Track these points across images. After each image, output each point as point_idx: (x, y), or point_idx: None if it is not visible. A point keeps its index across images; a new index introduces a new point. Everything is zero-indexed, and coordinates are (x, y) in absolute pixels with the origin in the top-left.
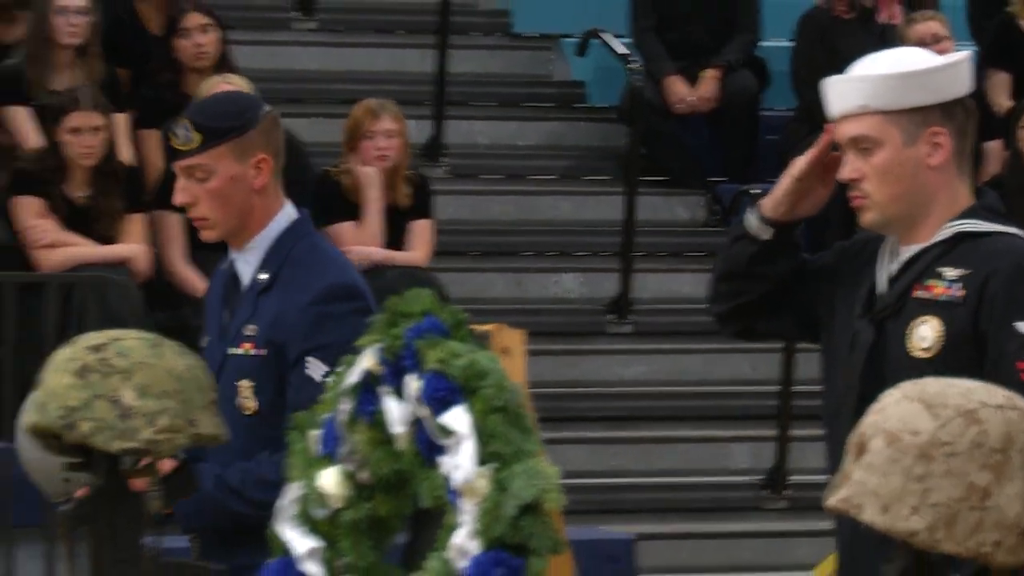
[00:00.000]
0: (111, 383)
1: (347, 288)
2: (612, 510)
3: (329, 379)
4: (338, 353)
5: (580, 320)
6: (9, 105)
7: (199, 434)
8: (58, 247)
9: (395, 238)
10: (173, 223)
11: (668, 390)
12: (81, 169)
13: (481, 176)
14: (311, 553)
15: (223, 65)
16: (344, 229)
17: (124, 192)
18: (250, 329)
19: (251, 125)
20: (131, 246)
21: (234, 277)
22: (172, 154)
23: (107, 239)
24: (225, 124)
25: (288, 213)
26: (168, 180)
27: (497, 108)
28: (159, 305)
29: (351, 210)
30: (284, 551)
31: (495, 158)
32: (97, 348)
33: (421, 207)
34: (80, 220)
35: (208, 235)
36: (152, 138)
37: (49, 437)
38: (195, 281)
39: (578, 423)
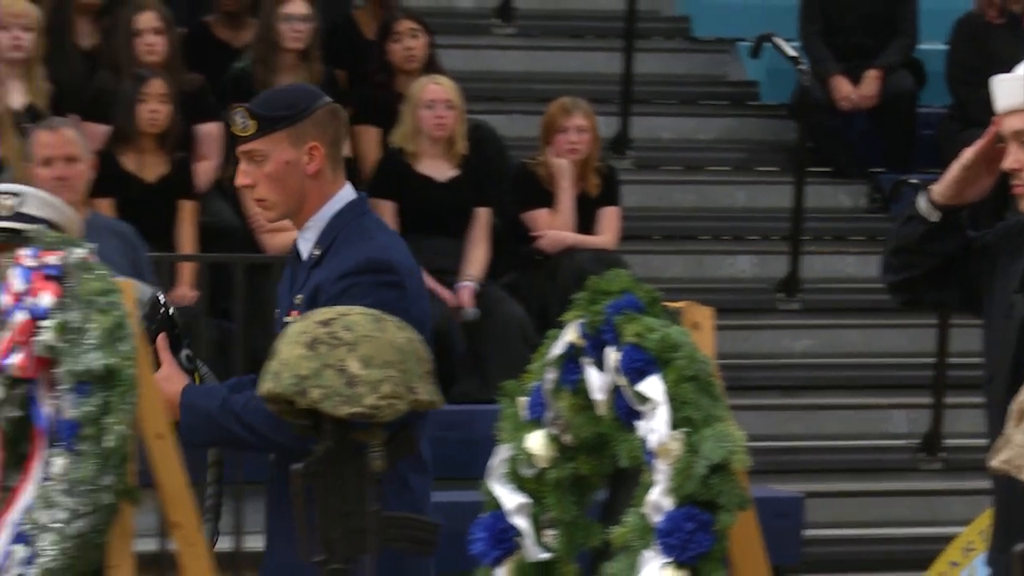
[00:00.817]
0: (338, 354)
1: (380, 262)
2: (783, 471)
3: None
4: None
5: (753, 298)
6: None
7: (418, 400)
8: (282, 231)
9: (586, 224)
10: (386, 210)
11: (833, 361)
12: None
13: (663, 167)
14: (519, 508)
15: (430, 67)
16: (539, 215)
17: None
18: (298, 299)
19: (304, 115)
20: None
21: (297, 254)
22: (233, 139)
23: None
24: (278, 113)
25: (345, 195)
26: (381, 170)
27: (678, 105)
28: None
29: (546, 198)
30: (495, 506)
31: (676, 151)
32: (326, 323)
33: (609, 195)
34: None
35: (267, 215)
36: (367, 133)
37: (282, 403)
38: None
39: (751, 391)
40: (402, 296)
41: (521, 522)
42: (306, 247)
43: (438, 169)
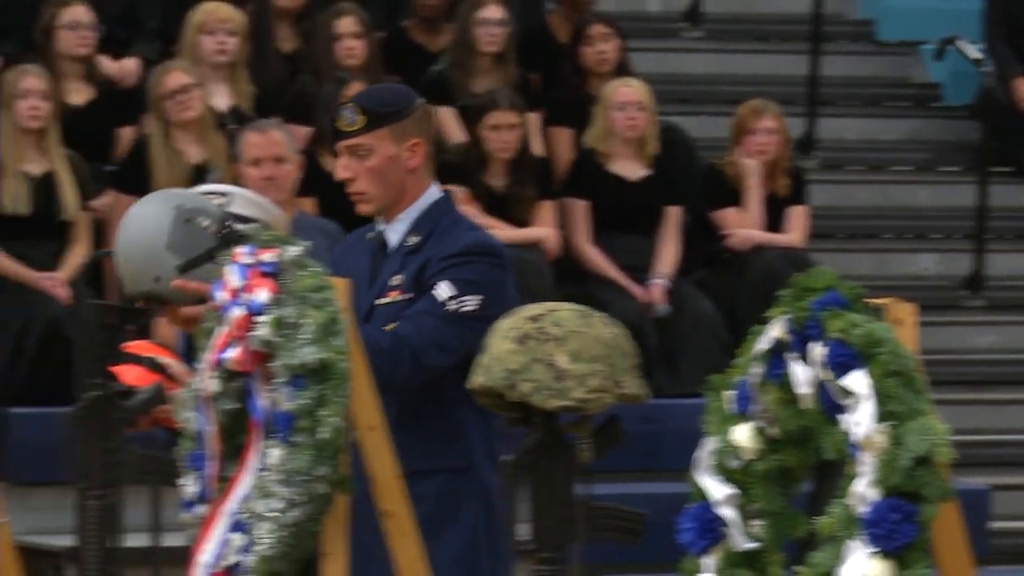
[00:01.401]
0: (547, 349)
1: (488, 246)
2: (969, 463)
3: (452, 304)
4: (470, 288)
5: (937, 295)
6: (436, 105)
7: (624, 394)
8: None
9: (774, 223)
10: (579, 209)
11: (1018, 357)
12: (499, 161)
13: (848, 167)
14: (727, 499)
15: (622, 70)
16: (728, 214)
17: (537, 181)
18: (396, 279)
19: (408, 113)
20: (543, 229)
21: (382, 244)
22: (337, 134)
23: (522, 223)
24: (386, 110)
25: (434, 191)
26: (574, 170)
27: (862, 107)
28: (566, 281)
29: (735, 197)
30: (702, 496)
31: (861, 151)
32: (535, 318)
33: (797, 195)
34: (498, 206)
35: (365, 208)
36: (560, 134)
37: (492, 396)
38: (597, 259)
39: (937, 386)
40: (504, 280)
41: (728, 512)
42: (396, 236)
43: (630, 169)
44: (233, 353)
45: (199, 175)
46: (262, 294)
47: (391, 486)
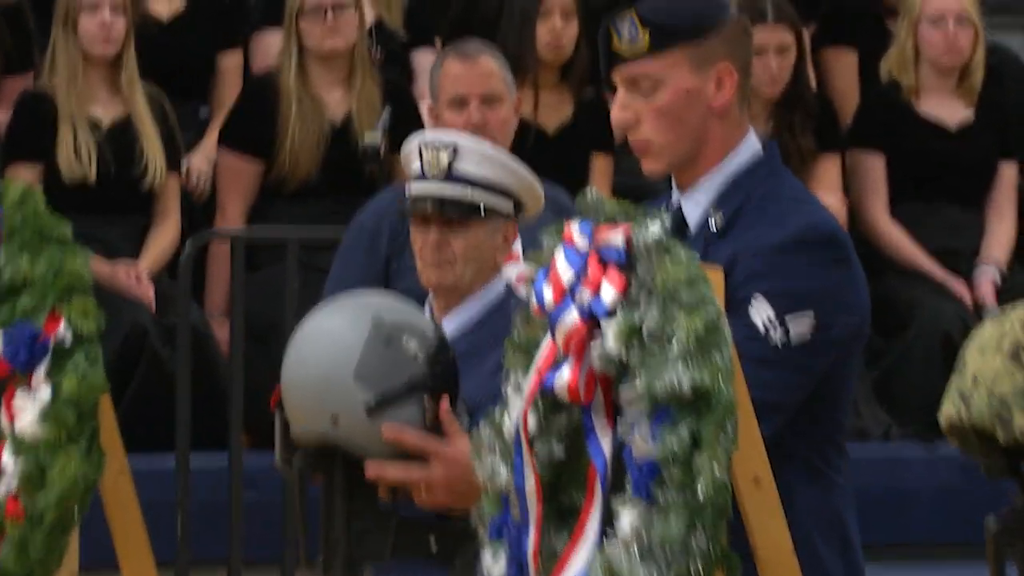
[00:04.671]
0: None
1: (823, 233)
2: None
3: (774, 333)
4: (799, 302)
5: None
6: None
7: None
8: None
9: None
10: (874, 167)
11: None
12: (761, 99)
13: None
14: None
15: None
16: None
17: (815, 128)
18: None
19: (714, 28)
20: (824, 196)
21: (679, 223)
22: (611, 59)
23: None
24: (682, 23)
25: (752, 144)
26: (865, 112)
27: None
28: None
29: None
30: None
31: None
32: None
33: None
34: None
35: (651, 165)
36: (840, 58)
37: (972, 435)
38: (900, 240)
39: None
40: (851, 278)
41: None
42: (696, 211)
43: (948, 110)
44: (564, 377)
45: (342, 133)
46: (608, 292)
47: (783, 563)
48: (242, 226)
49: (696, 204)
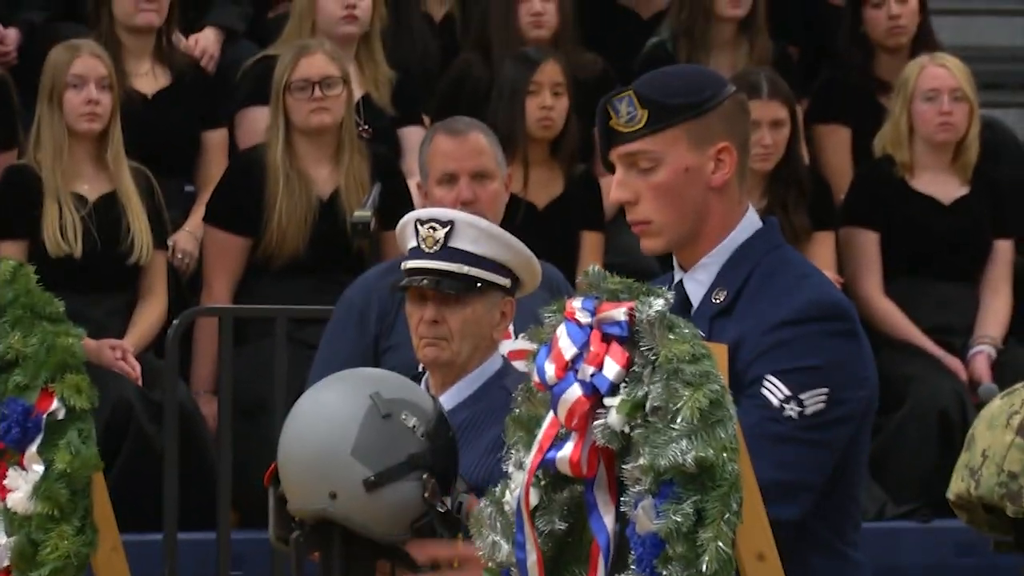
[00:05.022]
0: None
1: (828, 306)
2: None
3: (790, 410)
4: (812, 378)
5: None
6: None
7: None
8: None
9: None
10: (868, 244)
11: None
12: (755, 174)
13: None
14: None
15: (925, 41)
16: None
17: (808, 204)
18: None
19: (712, 104)
20: None
21: (683, 301)
22: (609, 137)
23: None
24: (680, 100)
25: (752, 220)
26: (859, 188)
27: None
28: None
29: None
30: None
31: None
32: None
33: None
34: None
35: (651, 244)
36: (834, 135)
37: (978, 510)
38: (894, 316)
39: None
40: (858, 350)
41: None
42: (699, 289)
43: (942, 187)
44: (567, 451)
45: (329, 208)
46: (611, 367)
47: None
48: (228, 302)
49: (698, 282)
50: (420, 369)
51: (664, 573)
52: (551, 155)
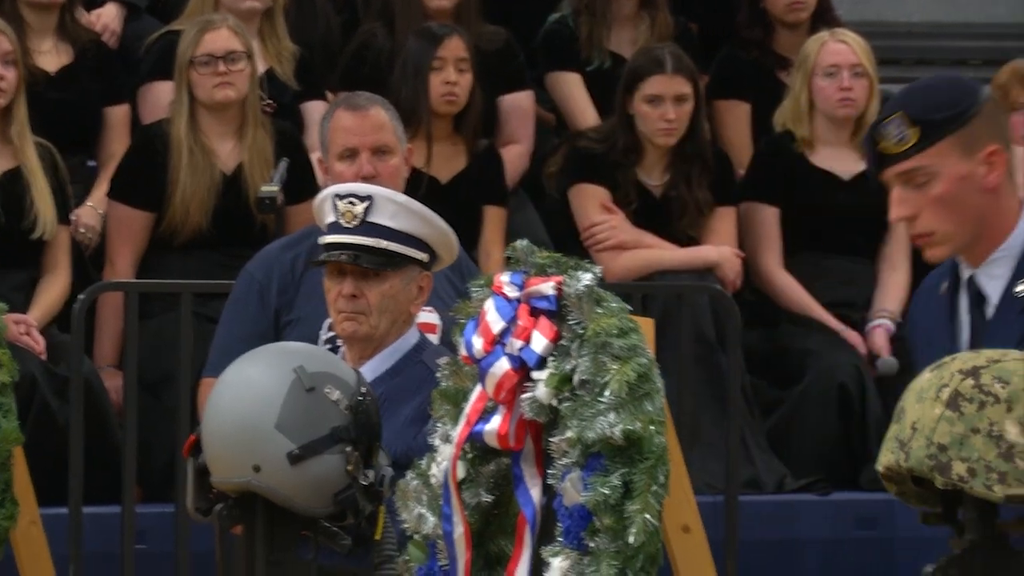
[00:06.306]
0: (990, 415)
1: None
2: None
3: None
4: None
5: None
6: (559, 71)
7: None
8: (629, 249)
9: None
10: (767, 219)
11: None
12: (658, 150)
13: None
14: None
15: (825, 17)
16: None
17: (711, 179)
18: None
19: (974, 112)
20: (718, 249)
21: (977, 297)
22: (881, 160)
23: (689, 240)
24: (945, 113)
25: None
26: (758, 163)
27: None
28: (748, 321)
29: None
30: None
31: None
32: (971, 372)
33: None
34: (655, 215)
35: (936, 253)
36: (734, 111)
37: (906, 482)
38: (794, 291)
39: None
40: None
41: None
42: (997, 284)
43: (841, 162)
44: (493, 424)
45: (233, 183)
46: (539, 341)
47: None
48: (132, 277)
49: (994, 277)
50: (325, 343)
51: (591, 545)
52: (454, 130)
